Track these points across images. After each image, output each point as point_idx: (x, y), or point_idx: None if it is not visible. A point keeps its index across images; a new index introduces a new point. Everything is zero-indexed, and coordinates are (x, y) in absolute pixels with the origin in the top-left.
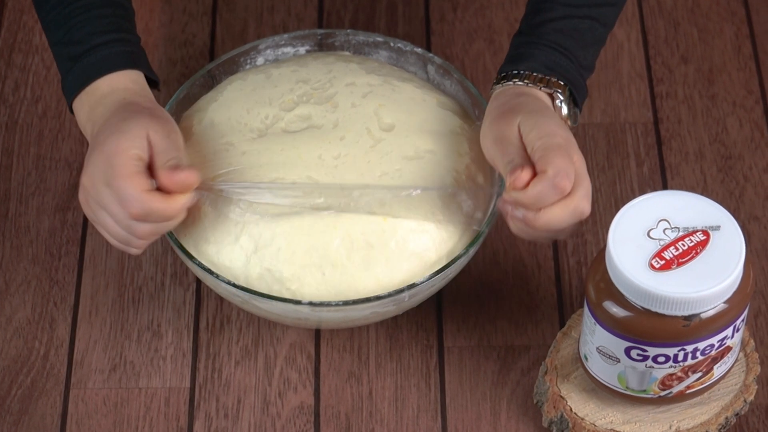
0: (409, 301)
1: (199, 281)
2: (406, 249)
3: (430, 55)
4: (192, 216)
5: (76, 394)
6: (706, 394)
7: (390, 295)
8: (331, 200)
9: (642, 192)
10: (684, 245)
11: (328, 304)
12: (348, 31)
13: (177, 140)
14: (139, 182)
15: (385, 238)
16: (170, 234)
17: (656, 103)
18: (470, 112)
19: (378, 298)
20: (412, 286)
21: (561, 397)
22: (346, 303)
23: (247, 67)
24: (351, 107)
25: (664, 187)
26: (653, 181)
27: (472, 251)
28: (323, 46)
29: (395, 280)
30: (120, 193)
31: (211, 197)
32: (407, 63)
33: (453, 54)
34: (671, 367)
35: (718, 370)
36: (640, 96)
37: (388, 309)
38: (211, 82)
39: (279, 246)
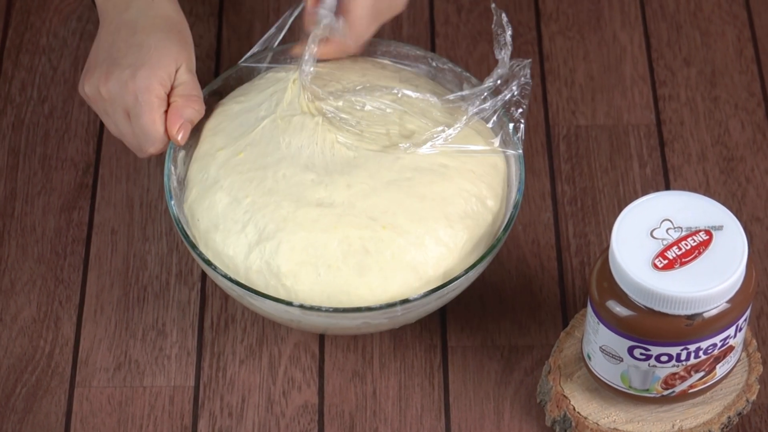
0: (403, 316)
1: (203, 281)
2: (402, 260)
3: (467, 74)
4: (208, 200)
5: (80, 393)
6: (708, 393)
7: (381, 307)
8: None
9: (645, 193)
10: (687, 245)
11: (318, 309)
12: (390, 42)
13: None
14: (160, 120)
15: (382, 246)
16: (178, 222)
17: (659, 106)
18: (496, 134)
19: (369, 309)
20: (405, 301)
21: (564, 396)
22: (336, 310)
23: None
24: (377, 109)
25: (667, 189)
26: (656, 183)
27: (472, 274)
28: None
29: (389, 291)
30: (143, 130)
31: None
32: (444, 80)
33: (457, 56)
34: (674, 366)
35: (721, 369)
36: (642, 98)
37: (380, 321)
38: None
39: (280, 240)
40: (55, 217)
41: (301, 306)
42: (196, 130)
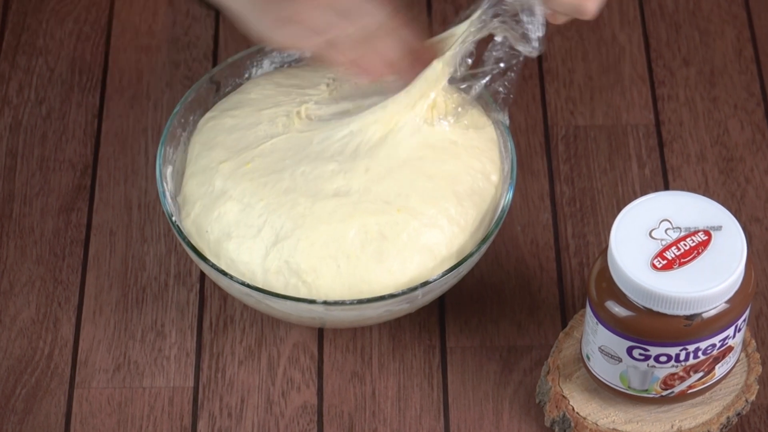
0: (423, 298)
1: (202, 282)
2: (418, 242)
3: None
4: (217, 211)
5: (80, 394)
6: (707, 393)
7: (404, 293)
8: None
9: (644, 194)
10: (686, 245)
11: (342, 303)
12: None
13: None
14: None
15: (398, 229)
16: (182, 235)
17: (658, 106)
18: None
19: (392, 296)
20: (425, 284)
21: (563, 396)
22: (360, 301)
23: (254, 68)
24: (382, 92)
25: (666, 189)
26: (655, 183)
27: (483, 248)
28: None
29: (407, 274)
30: (393, 36)
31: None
32: None
33: None
34: (673, 366)
35: (720, 369)
36: (641, 98)
37: (402, 307)
38: (217, 87)
39: (298, 237)
40: (54, 219)
41: (325, 302)
42: (183, 144)
